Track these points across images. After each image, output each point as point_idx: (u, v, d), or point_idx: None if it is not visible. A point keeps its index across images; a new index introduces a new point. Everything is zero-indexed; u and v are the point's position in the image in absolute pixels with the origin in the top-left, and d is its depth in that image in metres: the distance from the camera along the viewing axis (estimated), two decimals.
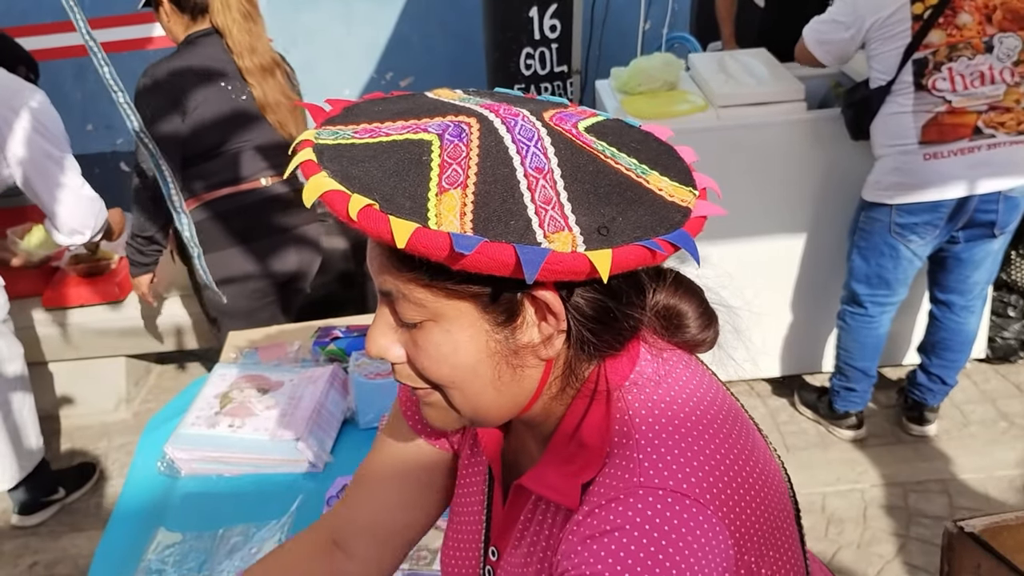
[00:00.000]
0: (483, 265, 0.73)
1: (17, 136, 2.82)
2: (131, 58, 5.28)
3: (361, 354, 2.07)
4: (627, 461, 0.82)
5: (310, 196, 0.76)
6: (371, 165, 0.77)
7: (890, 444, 3.34)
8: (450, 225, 0.73)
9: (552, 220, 0.76)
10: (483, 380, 0.84)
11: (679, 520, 0.78)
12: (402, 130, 0.81)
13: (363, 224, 0.73)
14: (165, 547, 1.68)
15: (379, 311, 0.87)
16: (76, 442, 3.83)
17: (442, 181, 0.76)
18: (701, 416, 0.86)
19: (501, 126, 0.80)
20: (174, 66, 2.73)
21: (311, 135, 0.82)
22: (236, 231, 2.87)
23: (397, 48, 5.65)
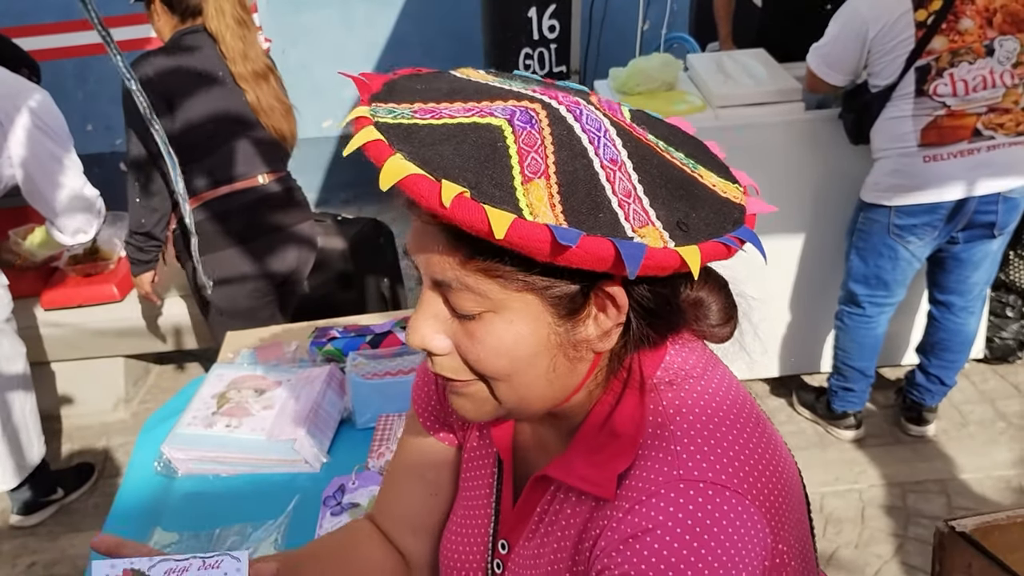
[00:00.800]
0: (580, 259, 0.72)
1: (20, 135, 2.82)
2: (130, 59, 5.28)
3: (358, 354, 2.08)
4: (665, 453, 0.83)
5: (389, 180, 0.72)
6: (445, 148, 0.74)
7: (888, 444, 3.35)
8: (545, 216, 0.72)
9: (636, 214, 0.76)
10: (538, 372, 0.83)
11: (720, 512, 0.78)
12: (467, 113, 0.78)
13: (455, 213, 0.71)
14: (162, 547, 1.68)
15: (425, 300, 0.84)
16: (75, 442, 3.84)
17: (524, 169, 0.74)
18: (730, 409, 0.87)
19: (568, 114, 0.78)
20: (160, 63, 2.72)
21: (366, 112, 0.78)
22: (234, 231, 2.88)
23: (396, 48, 5.66)
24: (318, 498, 1.75)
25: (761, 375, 3.71)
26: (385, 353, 2.08)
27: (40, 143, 2.84)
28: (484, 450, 1.08)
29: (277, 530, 1.68)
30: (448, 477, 1.14)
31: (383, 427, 1.93)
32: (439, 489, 1.14)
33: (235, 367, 2.12)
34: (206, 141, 2.78)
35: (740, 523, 0.79)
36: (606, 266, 0.73)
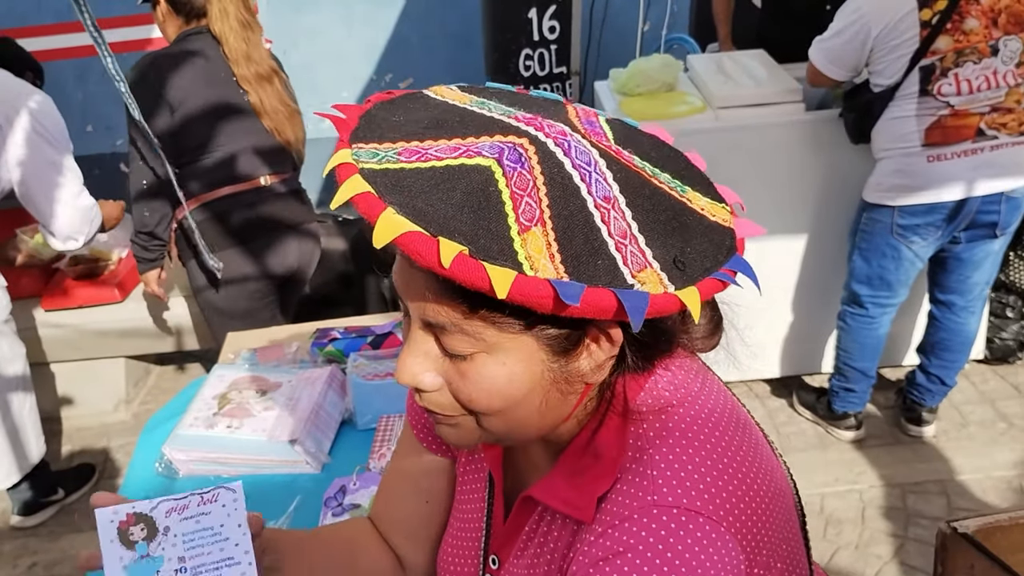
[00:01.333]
0: (582, 312, 0.72)
1: (19, 139, 2.82)
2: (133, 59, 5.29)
3: (359, 355, 2.08)
4: (641, 478, 0.82)
5: (384, 238, 0.70)
6: (436, 197, 0.72)
7: (889, 445, 3.35)
8: (545, 270, 0.71)
9: (633, 256, 0.75)
10: (530, 407, 0.83)
11: (692, 539, 0.78)
12: (453, 153, 0.76)
13: (455, 272, 0.69)
14: None
15: (414, 337, 0.83)
16: (76, 443, 3.84)
17: (520, 218, 0.72)
18: (712, 429, 0.87)
19: (557, 149, 0.77)
20: (163, 63, 2.74)
21: (349, 158, 0.76)
22: (236, 231, 2.88)
23: (397, 49, 5.66)
24: (319, 499, 1.75)
25: (763, 375, 3.71)
26: (386, 354, 2.08)
27: (38, 148, 2.84)
28: (477, 464, 1.08)
29: None
30: (442, 486, 1.15)
31: (384, 428, 1.93)
32: (433, 497, 1.15)
33: (236, 368, 2.12)
34: (208, 142, 2.79)
35: (713, 550, 0.78)
36: (608, 316, 0.73)
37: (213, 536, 0.89)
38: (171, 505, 0.89)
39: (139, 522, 0.88)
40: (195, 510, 0.89)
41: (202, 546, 0.89)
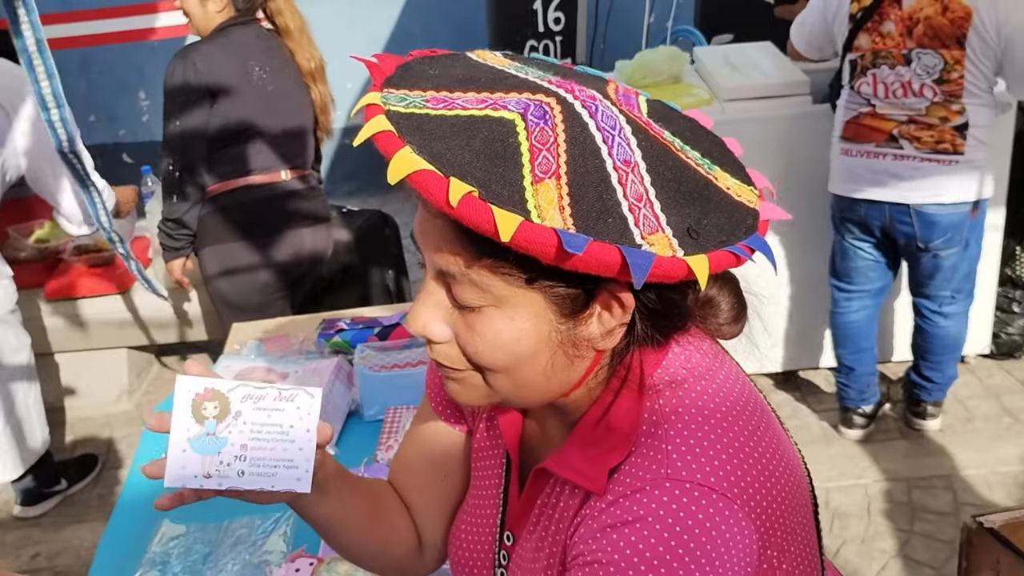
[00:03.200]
0: (586, 265, 0.72)
1: (25, 126, 2.81)
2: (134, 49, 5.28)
3: (366, 346, 2.07)
4: (655, 452, 0.82)
5: (397, 174, 0.72)
6: (455, 143, 0.74)
7: (894, 440, 3.34)
8: (553, 220, 0.72)
9: (646, 219, 0.75)
10: (536, 368, 0.83)
11: (704, 514, 0.77)
12: (479, 104, 0.77)
13: (462, 212, 0.70)
14: (170, 539, 1.68)
15: (427, 288, 0.84)
16: (78, 433, 3.83)
17: (535, 169, 0.73)
18: (729, 409, 0.86)
19: (583, 111, 0.77)
20: (209, 56, 2.76)
21: (377, 99, 0.78)
22: (251, 223, 2.89)
23: (400, 41, 5.65)
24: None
25: (767, 370, 3.70)
26: (393, 345, 2.07)
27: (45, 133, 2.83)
28: (493, 440, 1.07)
29: (286, 523, 1.67)
30: (459, 462, 1.13)
31: (391, 419, 1.92)
32: (450, 473, 1.13)
33: (242, 359, 2.11)
34: (235, 134, 2.82)
35: (725, 527, 0.78)
36: (612, 272, 0.73)
37: (280, 434, 0.88)
38: (249, 392, 0.87)
39: (215, 399, 0.86)
40: (270, 404, 0.87)
41: (267, 440, 0.87)
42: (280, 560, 1.56)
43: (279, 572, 1.51)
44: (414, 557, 1.16)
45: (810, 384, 3.68)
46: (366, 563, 1.17)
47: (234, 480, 0.87)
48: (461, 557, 1.08)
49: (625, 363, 0.87)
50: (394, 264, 3.70)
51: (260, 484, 0.88)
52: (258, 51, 2.82)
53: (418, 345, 2.05)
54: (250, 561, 1.58)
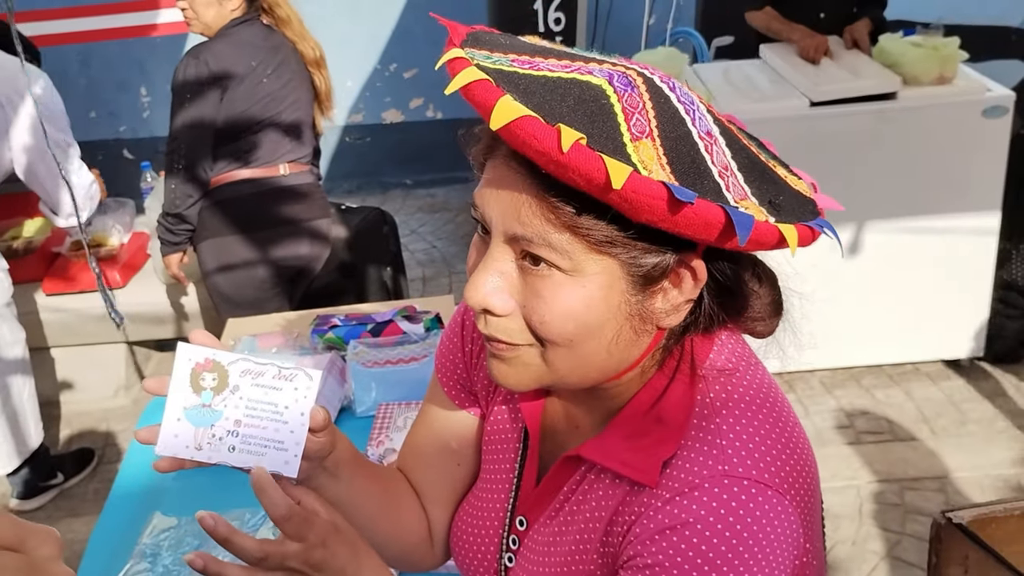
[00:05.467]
0: (689, 222, 0.71)
1: (22, 121, 2.83)
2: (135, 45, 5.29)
3: (359, 342, 2.08)
4: (710, 447, 0.82)
5: (502, 119, 0.70)
6: (550, 98, 0.72)
7: (887, 442, 3.35)
8: (658, 175, 0.71)
9: (734, 187, 0.76)
10: (600, 341, 0.81)
11: (761, 512, 0.79)
12: (564, 69, 0.76)
13: (571, 160, 0.69)
14: (160, 531, 1.69)
15: (492, 255, 0.81)
16: (75, 428, 3.84)
17: (631, 128, 0.73)
18: (772, 406, 0.87)
19: (662, 84, 0.78)
20: (220, 54, 2.80)
21: (463, 54, 0.76)
22: (249, 217, 2.91)
23: (401, 40, 5.65)
24: None
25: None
26: (386, 342, 2.08)
27: (40, 129, 2.85)
28: (509, 424, 1.05)
29: None
30: (472, 447, 1.12)
31: (383, 416, 1.94)
32: (463, 460, 1.10)
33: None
34: (241, 126, 2.85)
35: (779, 523, 0.79)
36: (713, 233, 0.73)
37: (274, 414, 0.87)
38: (249, 367, 0.86)
39: (214, 371, 0.85)
40: (268, 381, 0.86)
41: (261, 419, 0.86)
42: None
43: None
44: (424, 546, 1.14)
45: (804, 385, 3.69)
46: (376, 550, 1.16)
47: (223, 455, 0.86)
48: (464, 541, 1.07)
49: (676, 351, 0.88)
50: (392, 262, 3.71)
51: (248, 462, 0.87)
52: (262, 48, 2.86)
53: (411, 342, 2.06)
54: None
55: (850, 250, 3.42)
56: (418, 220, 5.43)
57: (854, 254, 3.43)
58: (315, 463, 0.93)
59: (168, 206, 2.92)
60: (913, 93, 3.33)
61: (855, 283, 3.42)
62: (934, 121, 3.31)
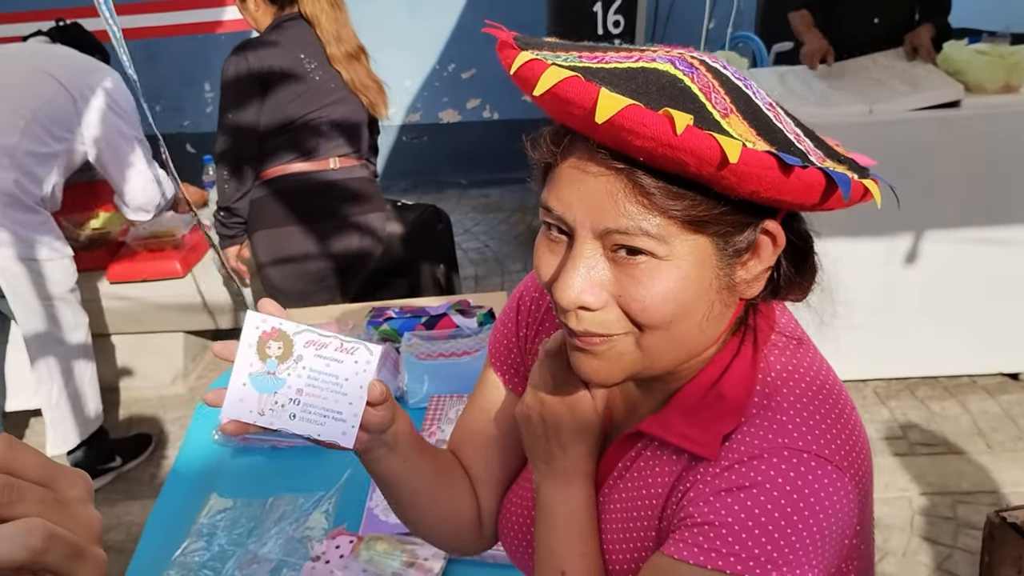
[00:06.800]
0: (793, 188, 0.73)
1: (93, 115, 2.92)
2: (202, 41, 5.39)
3: (413, 335, 2.11)
4: (770, 422, 0.84)
5: (607, 111, 0.70)
6: (636, 86, 0.73)
7: (941, 454, 3.30)
8: (761, 146, 0.73)
9: (811, 151, 0.78)
10: (695, 319, 0.83)
11: (819, 484, 0.80)
12: (629, 59, 0.77)
13: (686, 141, 0.70)
14: (217, 512, 1.73)
15: (580, 253, 0.81)
16: (134, 413, 3.93)
17: (715, 107, 0.74)
18: (832, 386, 0.89)
19: (717, 64, 0.79)
20: (262, 50, 2.85)
21: (534, 56, 0.76)
22: (299, 210, 2.95)
23: (460, 39, 5.69)
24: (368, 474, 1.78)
25: None
26: (439, 335, 2.11)
27: (112, 123, 2.95)
28: None
29: (328, 502, 1.72)
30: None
31: (435, 407, 1.96)
32: (514, 445, 1.11)
33: None
34: (290, 123, 2.89)
35: (837, 498, 0.80)
36: (815, 196, 0.75)
37: (335, 385, 0.89)
38: (313, 338, 0.88)
39: (280, 339, 0.88)
40: (330, 353, 0.88)
41: (321, 389, 0.88)
42: (321, 536, 1.60)
43: (320, 548, 1.55)
44: (474, 530, 1.15)
45: (858, 394, 3.64)
46: (426, 531, 1.16)
47: (284, 422, 0.89)
48: (513, 523, 1.09)
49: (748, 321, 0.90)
50: (446, 259, 3.74)
51: (308, 431, 0.89)
52: (308, 43, 2.90)
53: (464, 336, 2.09)
54: (292, 536, 1.62)
55: (908, 259, 3.37)
56: (472, 219, 5.46)
57: (912, 263, 3.39)
58: (375, 436, 0.94)
59: (219, 200, 2.99)
60: (977, 101, 3.28)
61: (912, 293, 3.38)
62: (999, 130, 3.25)
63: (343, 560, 1.52)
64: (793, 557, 0.77)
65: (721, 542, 0.79)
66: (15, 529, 0.47)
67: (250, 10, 2.94)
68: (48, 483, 0.52)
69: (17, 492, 0.49)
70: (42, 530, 0.48)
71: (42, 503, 0.50)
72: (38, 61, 2.98)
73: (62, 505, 0.51)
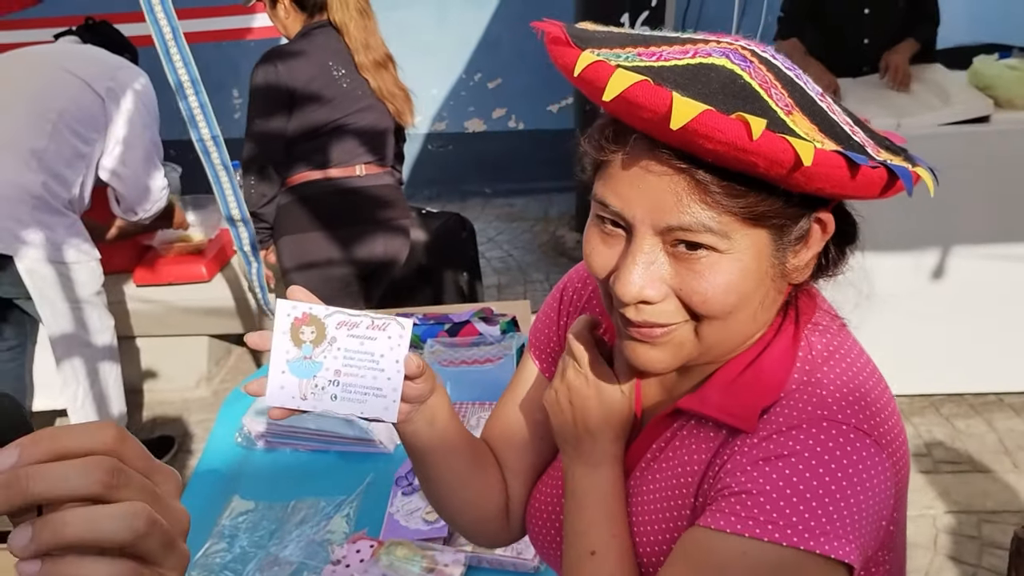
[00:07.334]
0: (859, 184, 0.74)
1: (119, 114, 2.94)
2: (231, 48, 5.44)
3: (436, 341, 2.11)
4: (810, 395, 0.84)
5: (683, 117, 0.70)
6: (697, 89, 0.73)
7: (966, 472, 3.26)
8: (828, 145, 0.74)
9: (866, 142, 0.79)
10: (752, 306, 0.84)
11: (858, 456, 0.80)
12: (686, 54, 0.78)
13: (761, 145, 0.70)
14: (239, 514, 1.74)
15: (640, 248, 0.82)
16: (157, 415, 3.95)
17: (777, 104, 0.75)
18: (873, 370, 0.89)
19: (766, 54, 0.80)
20: (291, 58, 2.86)
21: (596, 57, 0.76)
22: (325, 216, 2.96)
23: (487, 49, 5.71)
24: (390, 478, 1.79)
25: None
26: (462, 342, 2.11)
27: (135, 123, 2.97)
28: None
29: (350, 506, 1.72)
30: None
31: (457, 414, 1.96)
32: (549, 432, 1.10)
33: None
34: (317, 129, 2.91)
35: (875, 472, 0.80)
36: (876, 190, 0.76)
37: (371, 362, 0.90)
38: (344, 319, 0.90)
39: (312, 324, 0.89)
40: (363, 331, 0.90)
41: (358, 367, 0.90)
42: (342, 540, 1.61)
43: (340, 552, 1.56)
44: (500, 518, 1.15)
45: None
46: (452, 514, 1.16)
47: (327, 404, 0.90)
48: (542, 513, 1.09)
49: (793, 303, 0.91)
50: (469, 267, 3.75)
51: (351, 410, 0.91)
52: (337, 51, 2.92)
53: (486, 343, 2.09)
54: (313, 539, 1.63)
55: (934, 274, 3.35)
56: (495, 228, 5.47)
57: (938, 278, 3.36)
58: (414, 406, 0.96)
59: (248, 204, 3.03)
60: (1007, 117, 3.25)
61: (938, 308, 3.35)
62: None
63: (363, 564, 1.52)
64: (831, 528, 0.77)
65: (759, 510, 0.79)
66: (122, 510, 0.50)
67: (280, 17, 2.96)
68: (148, 475, 0.54)
69: (124, 477, 0.51)
70: (147, 515, 0.50)
71: (144, 491, 0.52)
72: (65, 62, 3.00)
73: (158, 497, 0.53)
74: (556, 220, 5.57)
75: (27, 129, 2.86)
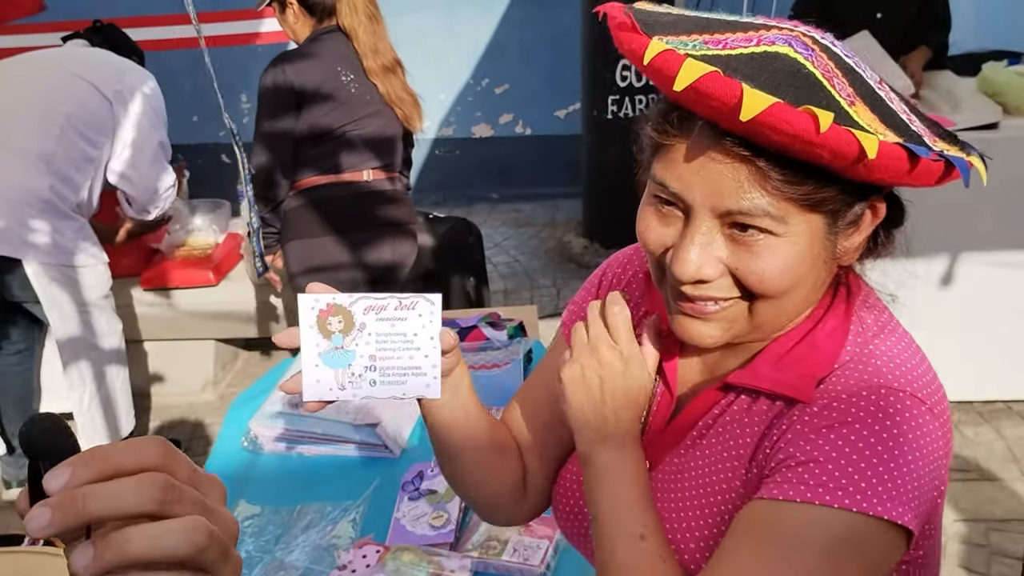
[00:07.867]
0: (918, 175, 0.76)
1: (128, 117, 2.95)
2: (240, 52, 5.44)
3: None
4: (865, 365, 0.86)
5: (753, 110, 0.71)
6: (764, 79, 0.75)
7: (975, 480, 3.25)
8: (890, 137, 0.75)
9: (924, 131, 0.80)
10: (805, 288, 0.86)
11: (916, 423, 0.82)
12: (750, 42, 0.79)
13: (828, 138, 0.71)
14: (245, 518, 1.74)
15: (698, 230, 0.84)
16: (164, 419, 3.96)
17: (840, 94, 0.76)
18: (918, 348, 0.91)
19: (826, 41, 0.81)
20: (299, 63, 2.88)
21: (666, 46, 0.77)
22: (331, 220, 2.97)
23: (494, 55, 5.72)
24: (396, 483, 1.78)
25: None
26: (469, 347, 2.10)
27: (143, 124, 2.98)
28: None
29: (356, 510, 1.72)
30: None
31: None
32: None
33: None
34: (323, 131, 2.91)
35: (932, 438, 0.82)
36: (932, 180, 0.77)
37: (405, 342, 0.89)
38: (370, 303, 0.89)
39: (338, 314, 0.88)
40: (392, 313, 0.89)
41: (393, 350, 0.89)
42: (348, 545, 1.61)
43: (346, 557, 1.55)
44: (515, 497, 1.15)
45: None
46: (469, 488, 1.15)
47: (367, 390, 0.90)
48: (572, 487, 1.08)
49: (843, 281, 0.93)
50: (476, 272, 3.75)
51: (391, 392, 0.90)
52: (345, 56, 2.93)
53: (494, 348, 2.08)
54: (319, 544, 1.62)
55: (943, 282, 3.34)
56: (502, 234, 5.47)
57: (947, 286, 3.35)
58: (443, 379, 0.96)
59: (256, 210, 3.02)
60: (1016, 123, 3.25)
61: (947, 316, 3.33)
62: None
63: (369, 570, 1.52)
64: (896, 493, 0.79)
65: (828, 477, 0.80)
66: (182, 525, 0.50)
67: (289, 22, 2.97)
68: (195, 486, 0.54)
69: (177, 493, 0.51)
70: (206, 528, 0.51)
71: (196, 504, 0.52)
72: (72, 65, 3.01)
73: (209, 508, 0.53)
74: (563, 225, 5.57)
75: (35, 133, 2.86)
